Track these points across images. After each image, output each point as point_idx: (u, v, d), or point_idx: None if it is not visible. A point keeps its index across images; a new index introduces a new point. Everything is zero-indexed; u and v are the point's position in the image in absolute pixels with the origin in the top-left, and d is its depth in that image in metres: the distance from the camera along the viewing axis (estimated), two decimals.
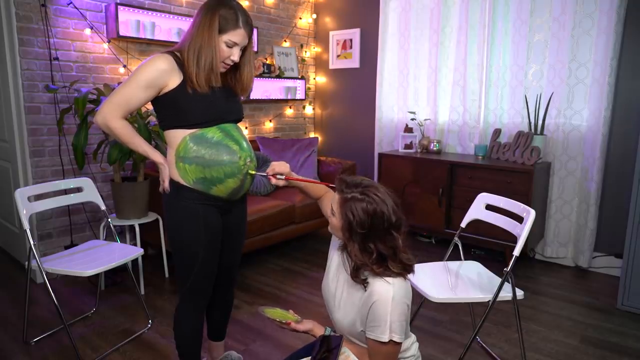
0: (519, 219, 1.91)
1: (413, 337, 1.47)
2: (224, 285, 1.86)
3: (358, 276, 1.29)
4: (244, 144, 1.62)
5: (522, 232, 1.83)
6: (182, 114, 1.54)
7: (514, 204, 2.02)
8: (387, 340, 1.24)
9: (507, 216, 2.04)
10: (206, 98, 1.54)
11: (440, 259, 2.24)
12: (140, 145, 1.59)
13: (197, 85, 1.51)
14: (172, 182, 1.59)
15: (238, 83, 1.66)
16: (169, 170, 1.59)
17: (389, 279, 1.26)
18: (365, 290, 1.29)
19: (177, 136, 1.56)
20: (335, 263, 1.47)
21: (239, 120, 1.69)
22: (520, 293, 1.86)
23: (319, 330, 1.41)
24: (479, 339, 2.30)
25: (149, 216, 2.96)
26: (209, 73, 1.52)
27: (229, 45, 1.53)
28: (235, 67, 1.64)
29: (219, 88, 1.59)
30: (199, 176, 1.55)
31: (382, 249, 1.26)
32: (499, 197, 2.13)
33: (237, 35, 1.52)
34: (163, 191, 1.62)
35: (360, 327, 1.33)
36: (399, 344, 1.28)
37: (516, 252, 1.82)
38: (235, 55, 1.55)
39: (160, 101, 1.56)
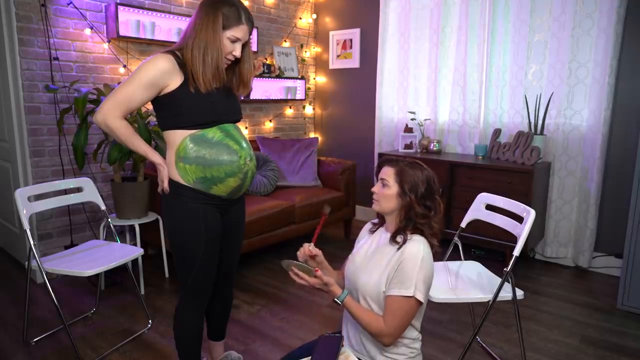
0: (519, 219, 1.91)
1: (418, 333, 1.48)
2: (223, 285, 1.86)
3: (397, 237, 1.42)
4: (244, 144, 1.62)
5: (522, 232, 1.83)
6: (183, 115, 1.54)
7: (514, 204, 2.02)
8: (411, 294, 1.31)
9: (507, 216, 2.04)
10: (207, 99, 1.54)
11: (440, 259, 2.24)
12: (139, 145, 1.59)
13: (201, 84, 1.52)
14: (172, 182, 1.59)
15: (237, 79, 1.67)
16: (169, 171, 1.59)
17: (421, 240, 1.38)
18: (398, 251, 1.39)
19: (177, 136, 1.56)
20: (366, 247, 1.54)
21: (238, 120, 1.70)
22: (520, 293, 1.86)
23: (337, 291, 1.40)
24: (479, 339, 2.30)
25: (149, 216, 2.96)
26: (215, 70, 1.53)
27: (232, 41, 1.55)
28: (235, 64, 1.64)
29: (219, 88, 1.59)
30: (200, 176, 1.56)
31: (430, 205, 1.43)
32: (499, 197, 2.12)
33: (240, 31, 1.55)
34: (162, 192, 1.62)
35: (384, 287, 1.38)
36: (420, 303, 1.34)
37: (516, 252, 1.82)
38: (237, 50, 1.57)
39: (161, 101, 1.56)
